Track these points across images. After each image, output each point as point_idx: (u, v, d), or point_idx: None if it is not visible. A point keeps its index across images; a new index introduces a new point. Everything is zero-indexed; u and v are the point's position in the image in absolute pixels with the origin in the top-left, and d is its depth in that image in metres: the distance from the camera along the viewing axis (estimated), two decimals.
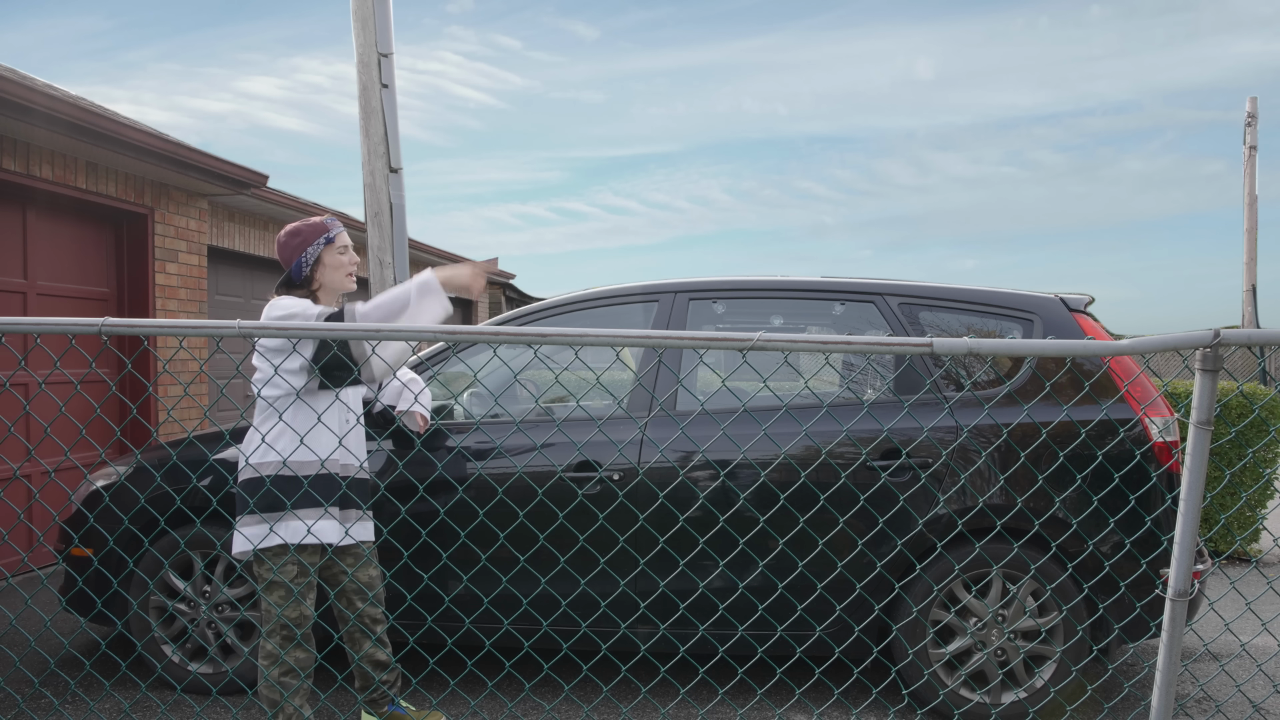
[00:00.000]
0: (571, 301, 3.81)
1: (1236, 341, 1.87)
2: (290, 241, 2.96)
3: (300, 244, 2.95)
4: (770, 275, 3.83)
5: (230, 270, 8.55)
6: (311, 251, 2.95)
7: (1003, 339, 3.59)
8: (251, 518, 2.82)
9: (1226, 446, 5.62)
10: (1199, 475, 1.94)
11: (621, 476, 3.42)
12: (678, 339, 1.97)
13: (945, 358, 2.78)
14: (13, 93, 4.74)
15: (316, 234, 2.97)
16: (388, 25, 5.00)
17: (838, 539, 3.27)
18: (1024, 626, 3.29)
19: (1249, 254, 12.15)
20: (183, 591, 3.58)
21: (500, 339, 2.00)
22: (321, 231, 2.97)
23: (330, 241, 2.98)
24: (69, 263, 6.01)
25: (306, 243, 2.95)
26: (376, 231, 4.96)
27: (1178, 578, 2.00)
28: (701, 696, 3.63)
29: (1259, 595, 2.33)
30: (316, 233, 2.97)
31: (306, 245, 2.95)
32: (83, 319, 1.99)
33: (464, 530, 3.10)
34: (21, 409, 3.89)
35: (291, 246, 2.96)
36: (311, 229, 2.97)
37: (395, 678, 3.20)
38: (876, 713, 3.46)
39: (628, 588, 3.36)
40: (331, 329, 2.09)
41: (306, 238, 2.96)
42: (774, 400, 3.57)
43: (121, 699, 3.60)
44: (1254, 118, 12.04)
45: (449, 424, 3.68)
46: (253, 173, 7.02)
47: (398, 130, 5.03)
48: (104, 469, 3.91)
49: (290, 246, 2.96)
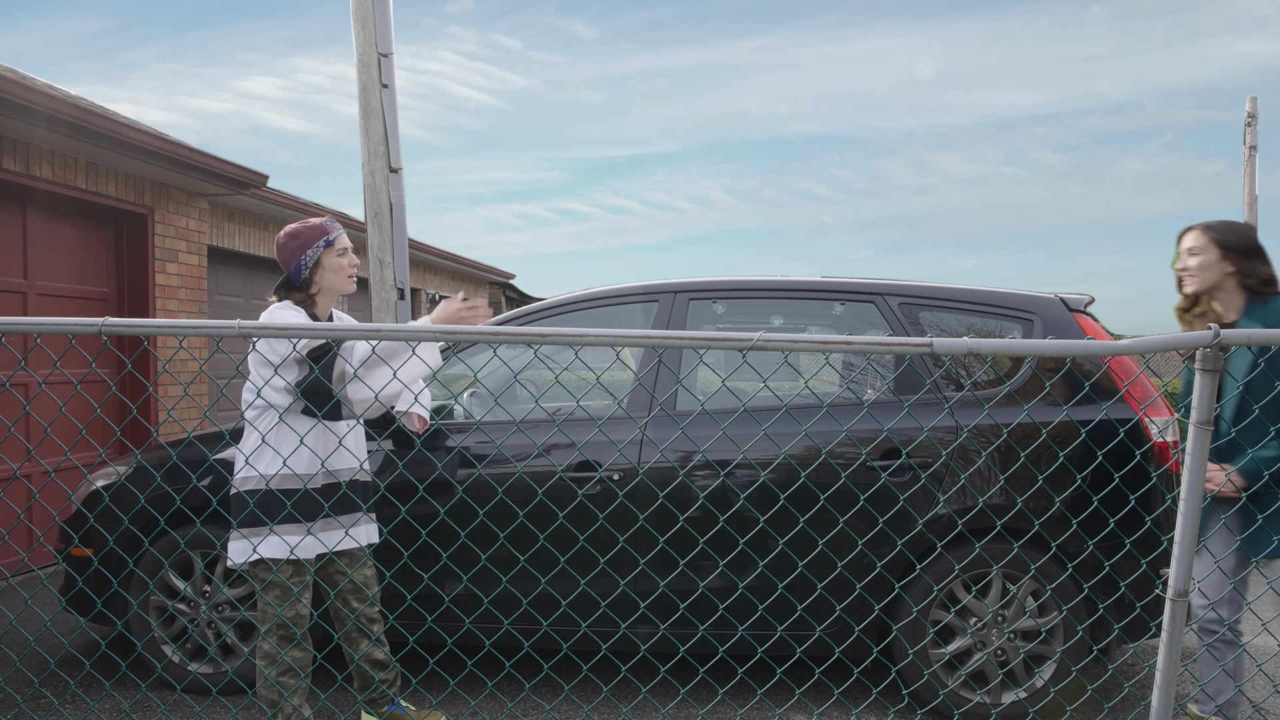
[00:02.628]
0: (571, 301, 3.81)
1: (1236, 341, 1.87)
2: (289, 244, 2.93)
3: (299, 246, 2.93)
4: (770, 275, 3.82)
5: (230, 270, 8.55)
6: (311, 254, 2.93)
7: (1003, 339, 3.59)
8: (240, 532, 2.83)
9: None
10: (1199, 475, 1.94)
11: (621, 476, 3.41)
12: (678, 339, 1.97)
13: (945, 358, 2.78)
14: (13, 93, 4.74)
15: (316, 236, 2.94)
16: (388, 25, 5.00)
17: (838, 539, 3.27)
18: (1024, 626, 3.28)
19: None
20: (183, 591, 3.58)
21: (500, 339, 2.00)
22: (321, 234, 2.95)
23: (330, 244, 2.95)
24: (69, 263, 6.01)
25: (305, 245, 2.93)
26: (376, 231, 4.96)
27: (1178, 578, 2.00)
28: (701, 696, 3.63)
29: (1259, 595, 2.33)
30: (316, 235, 2.94)
31: (305, 248, 2.92)
32: (83, 319, 1.99)
33: (464, 530, 3.10)
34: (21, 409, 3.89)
35: (290, 249, 2.93)
36: (311, 231, 2.94)
37: (395, 677, 3.20)
38: (876, 713, 3.45)
39: (628, 588, 3.35)
40: (331, 329, 2.09)
41: (305, 240, 2.93)
42: (774, 400, 3.57)
43: (121, 699, 3.60)
44: (1254, 118, 12.04)
45: (449, 424, 3.68)
46: (253, 173, 7.02)
47: (398, 130, 5.03)
48: (104, 469, 3.91)
49: (289, 249, 2.93)
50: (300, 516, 2.84)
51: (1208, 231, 2.86)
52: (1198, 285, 2.87)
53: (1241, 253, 2.82)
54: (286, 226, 2.99)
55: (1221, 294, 2.88)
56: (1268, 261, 2.84)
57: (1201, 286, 2.87)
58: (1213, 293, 2.89)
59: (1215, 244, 2.84)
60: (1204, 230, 2.87)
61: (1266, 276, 2.83)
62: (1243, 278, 2.82)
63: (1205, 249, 2.85)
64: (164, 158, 6.06)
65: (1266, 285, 2.82)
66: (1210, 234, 2.85)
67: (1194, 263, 2.87)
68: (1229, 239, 2.83)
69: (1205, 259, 2.84)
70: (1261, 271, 2.82)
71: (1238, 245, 2.82)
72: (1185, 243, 2.91)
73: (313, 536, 2.88)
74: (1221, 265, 2.83)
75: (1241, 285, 2.84)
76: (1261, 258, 2.84)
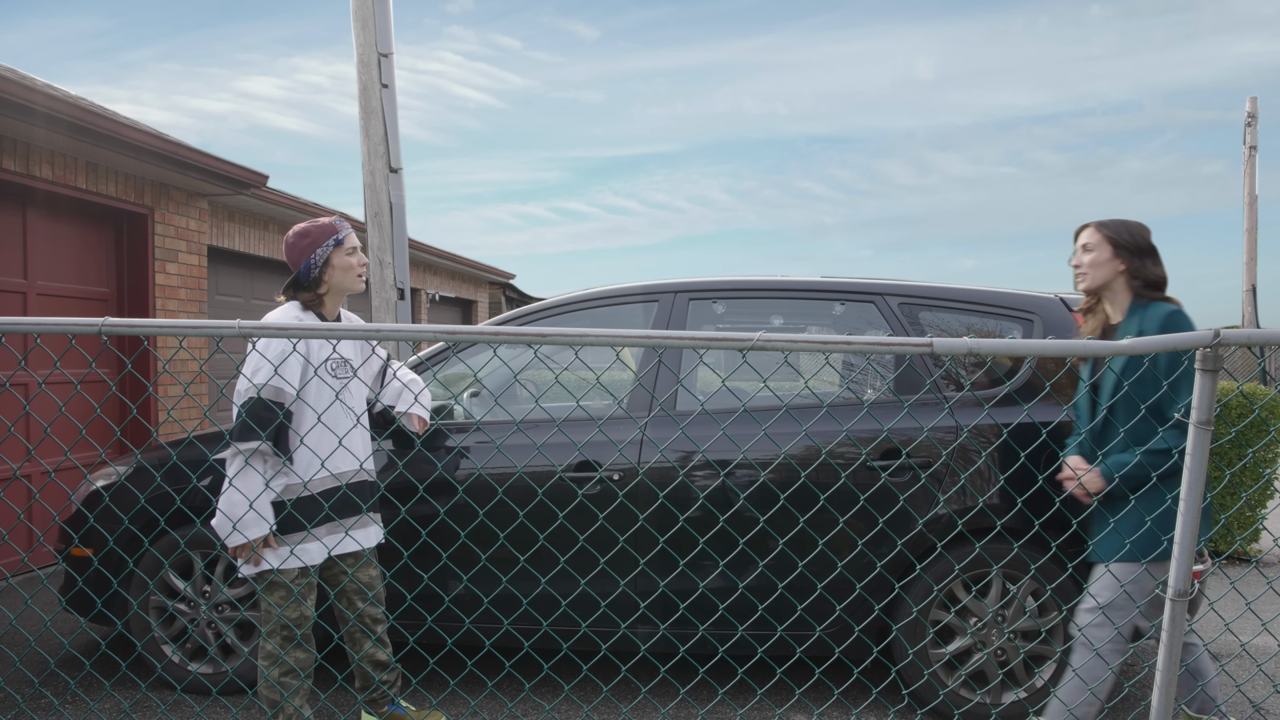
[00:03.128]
0: (571, 301, 3.81)
1: (1236, 341, 1.87)
2: (299, 243, 2.93)
3: (309, 245, 2.92)
4: (770, 275, 3.82)
5: (230, 270, 8.55)
6: (320, 253, 2.92)
7: (1003, 339, 3.59)
8: None
9: (1226, 446, 5.62)
10: (1199, 475, 1.94)
11: (621, 476, 3.41)
12: (678, 339, 1.97)
13: (945, 358, 2.78)
14: (13, 93, 4.74)
15: (325, 235, 2.94)
16: (388, 25, 5.00)
17: (838, 539, 3.27)
18: (1024, 626, 3.29)
19: (1249, 254, 12.15)
20: (183, 591, 3.58)
21: (500, 339, 2.00)
22: (330, 233, 2.95)
23: (339, 243, 2.95)
24: (69, 263, 6.01)
25: (315, 244, 2.92)
26: (376, 231, 4.96)
27: (1178, 578, 2.00)
28: (701, 696, 3.63)
29: (1259, 595, 2.33)
30: (325, 234, 2.94)
31: (315, 247, 2.92)
32: (83, 319, 1.98)
33: (464, 530, 3.10)
34: (21, 409, 3.89)
35: (300, 248, 2.93)
36: (320, 230, 2.95)
37: (395, 677, 3.20)
38: (876, 713, 3.45)
39: (628, 588, 3.35)
40: (331, 329, 2.09)
41: (315, 239, 2.93)
42: (774, 400, 3.57)
43: (121, 699, 3.60)
44: (1254, 118, 12.04)
45: (449, 424, 3.68)
46: (253, 173, 7.02)
47: (398, 130, 5.03)
48: (104, 469, 3.91)
49: (299, 248, 2.93)
50: (305, 522, 2.84)
51: (1101, 229, 2.81)
52: (1088, 283, 2.84)
53: (1132, 251, 2.77)
54: (295, 226, 2.99)
55: (1110, 293, 2.84)
56: (1159, 263, 2.79)
57: (1092, 284, 2.83)
58: (1103, 292, 2.85)
59: (1108, 241, 2.79)
60: (1098, 227, 2.82)
61: (1154, 278, 2.78)
62: (1131, 278, 2.78)
63: (1098, 246, 2.81)
64: (164, 158, 6.06)
65: (1152, 287, 2.77)
66: (1103, 231, 2.81)
67: (1087, 259, 2.83)
68: (1121, 237, 2.78)
69: (1097, 256, 2.80)
70: (1150, 272, 2.77)
71: (1129, 244, 2.77)
72: (1080, 239, 2.87)
73: (319, 542, 2.88)
74: (1113, 263, 2.79)
75: (1129, 285, 2.80)
76: (1152, 258, 2.78)
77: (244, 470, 2.72)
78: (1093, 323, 2.93)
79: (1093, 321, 2.93)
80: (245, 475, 2.72)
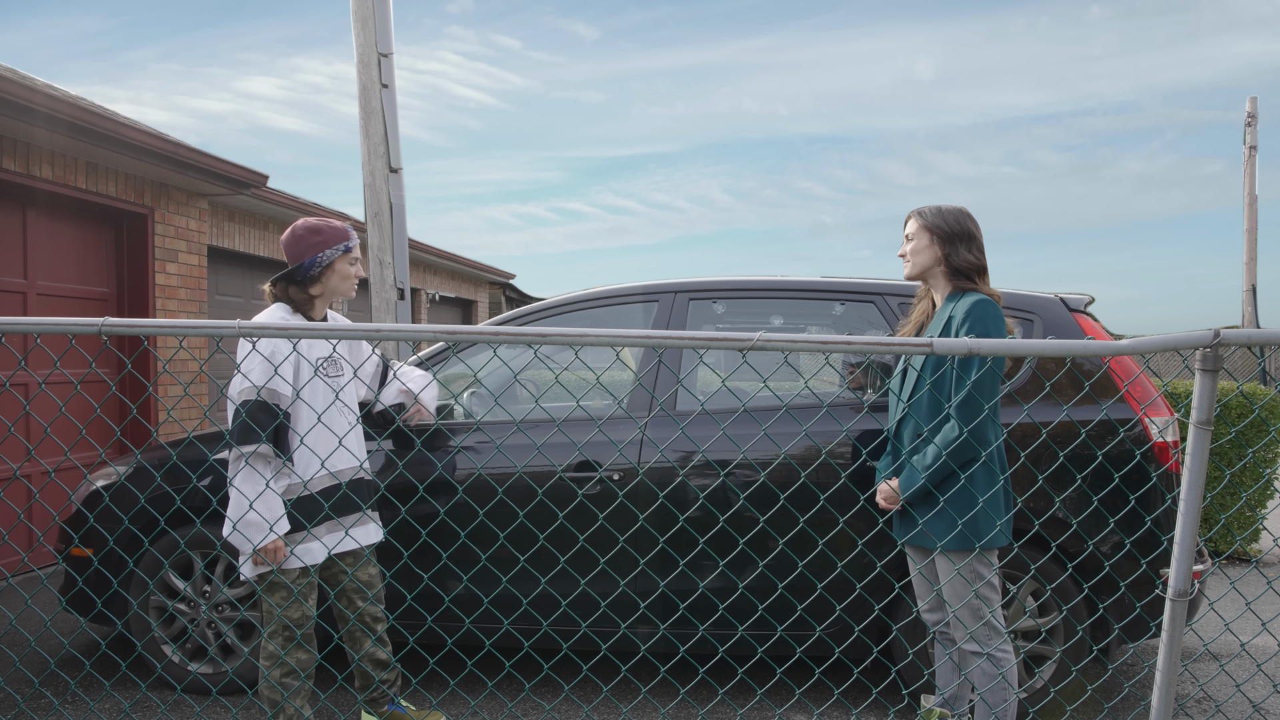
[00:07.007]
0: (571, 301, 3.81)
1: (1236, 341, 1.87)
2: (310, 238, 2.91)
3: (320, 243, 2.91)
4: (770, 275, 3.82)
5: (230, 270, 8.55)
6: (328, 255, 2.91)
7: (1003, 339, 3.58)
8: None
9: (1226, 446, 5.62)
10: (1199, 475, 1.94)
11: (621, 476, 3.41)
12: (678, 339, 1.97)
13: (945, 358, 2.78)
14: (13, 93, 4.74)
15: (338, 239, 2.93)
16: (388, 25, 5.00)
17: (837, 539, 3.27)
18: (1024, 626, 3.28)
19: (1249, 254, 12.15)
20: (183, 591, 3.58)
21: (500, 339, 2.00)
22: (343, 238, 2.94)
23: (348, 250, 2.95)
24: (69, 263, 6.01)
25: (326, 244, 2.91)
26: (376, 231, 4.96)
27: (1178, 578, 2.00)
28: (701, 696, 3.63)
29: (1259, 595, 2.33)
30: (338, 237, 2.93)
31: (325, 246, 2.91)
32: (83, 319, 1.99)
33: (464, 530, 3.10)
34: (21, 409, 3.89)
35: (310, 243, 2.90)
36: (334, 233, 2.93)
37: (395, 677, 3.20)
38: (876, 713, 3.45)
39: (628, 588, 3.35)
40: (331, 329, 2.09)
41: (328, 239, 2.92)
42: (774, 400, 3.57)
43: (121, 699, 3.60)
44: (1254, 118, 12.03)
45: (449, 424, 3.68)
46: (253, 173, 7.02)
47: (398, 130, 5.03)
48: (104, 469, 3.91)
49: (307, 242, 2.91)
50: (305, 522, 2.84)
51: (919, 216, 2.79)
52: (910, 270, 2.82)
53: (945, 237, 2.73)
54: (306, 220, 2.96)
55: (933, 280, 2.81)
56: (975, 250, 2.73)
57: (914, 272, 2.81)
58: (927, 279, 2.83)
59: (925, 229, 2.76)
60: (917, 215, 2.79)
61: (968, 265, 2.71)
62: (946, 264, 2.74)
63: (918, 234, 2.78)
64: (164, 158, 6.06)
65: (965, 275, 2.72)
66: (921, 219, 2.78)
67: (908, 247, 2.81)
68: (935, 223, 2.74)
69: (917, 244, 2.78)
70: (965, 258, 2.71)
71: (943, 230, 2.73)
72: (906, 228, 2.85)
73: (319, 542, 2.88)
74: (930, 250, 2.75)
75: (946, 273, 2.76)
76: (967, 244, 2.72)
77: (249, 474, 2.71)
78: (916, 311, 2.91)
79: (917, 310, 2.91)
80: (251, 479, 2.71)
